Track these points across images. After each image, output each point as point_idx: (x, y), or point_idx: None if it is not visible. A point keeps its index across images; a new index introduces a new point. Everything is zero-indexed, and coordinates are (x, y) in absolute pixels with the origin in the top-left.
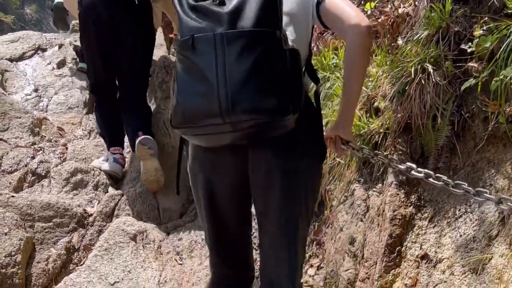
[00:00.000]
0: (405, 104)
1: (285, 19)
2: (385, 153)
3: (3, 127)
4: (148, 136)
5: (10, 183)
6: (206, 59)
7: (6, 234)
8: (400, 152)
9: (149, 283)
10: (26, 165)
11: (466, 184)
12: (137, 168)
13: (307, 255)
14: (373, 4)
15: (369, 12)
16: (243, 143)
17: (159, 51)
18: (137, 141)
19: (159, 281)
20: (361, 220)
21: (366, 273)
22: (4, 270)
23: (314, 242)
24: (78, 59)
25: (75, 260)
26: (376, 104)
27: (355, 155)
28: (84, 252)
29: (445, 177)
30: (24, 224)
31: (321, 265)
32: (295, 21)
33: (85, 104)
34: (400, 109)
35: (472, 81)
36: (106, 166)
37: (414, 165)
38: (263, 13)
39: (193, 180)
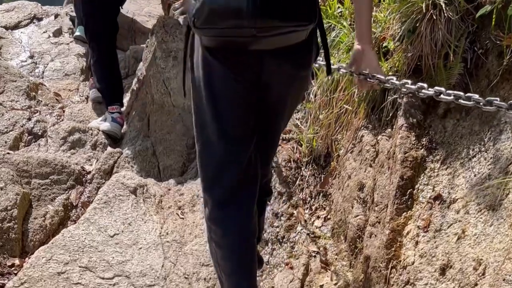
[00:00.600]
0: (416, 43)
1: None
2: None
3: None
4: None
5: (5, 142)
6: None
7: (1, 189)
8: (410, 94)
9: (150, 235)
10: (22, 126)
11: (498, 100)
12: (137, 127)
13: (313, 207)
14: None
15: None
16: (259, 49)
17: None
18: None
19: (160, 233)
20: (370, 166)
21: (377, 217)
22: (0, 225)
23: (321, 194)
24: (74, 29)
25: (73, 217)
26: (385, 45)
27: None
28: (83, 209)
29: (476, 96)
30: (21, 181)
31: (328, 216)
32: None
33: (82, 71)
34: (410, 49)
35: (487, 7)
36: (104, 126)
37: (425, 84)
38: None
39: (207, 88)
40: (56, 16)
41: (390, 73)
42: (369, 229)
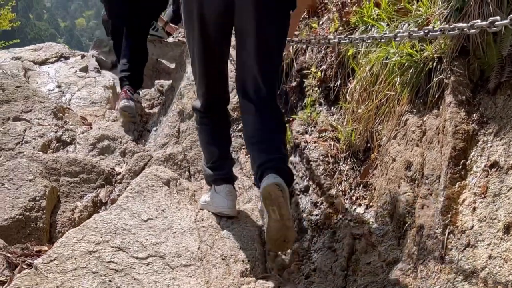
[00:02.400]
0: (463, 22)
1: None
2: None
3: (26, 109)
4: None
5: (33, 147)
6: None
7: (30, 180)
8: (458, 74)
9: (185, 221)
10: (50, 136)
11: None
12: (167, 134)
13: (353, 197)
14: None
15: None
16: None
17: None
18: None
19: (195, 219)
20: (417, 145)
21: (428, 189)
22: (28, 213)
23: (361, 185)
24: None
25: None
26: (430, 26)
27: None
28: None
29: None
30: (49, 178)
31: (370, 204)
32: None
33: (108, 100)
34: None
35: None
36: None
37: (498, 17)
38: None
39: (188, 18)
40: (83, 56)
41: (435, 56)
42: (420, 201)
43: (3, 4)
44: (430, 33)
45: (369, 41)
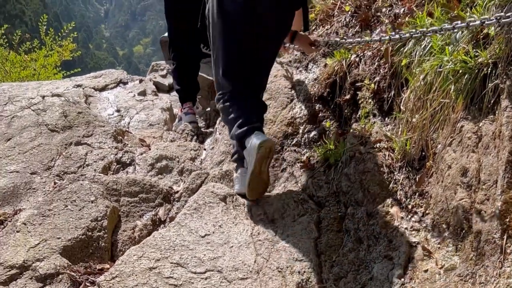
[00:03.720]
0: None
1: None
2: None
3: (87, 134)
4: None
5: (95, 170)
6: None
7: (92, 202)
8: None
9: (242, 235)
10: (110, 158)
11: None
12: (223, 152)
13: (409, 206)
14: None
15: None
16: None
17: None
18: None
19: (251, 233)
20: (473, 152)
21: (485, 194)
22: (90, 233)
23: (416, 194)
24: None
25: None
26: (484, 31)
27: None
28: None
29: None
30: (110, 198)
31: (426, 211)
32: None
33: (166, 122)
34: None
35: None
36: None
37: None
38: None
39: (215, 12)
40: (141, 81)
41: (490, 61)
42: (477, 207)
43: (65, 36)
44: (486, 22)
45: (428, 34)
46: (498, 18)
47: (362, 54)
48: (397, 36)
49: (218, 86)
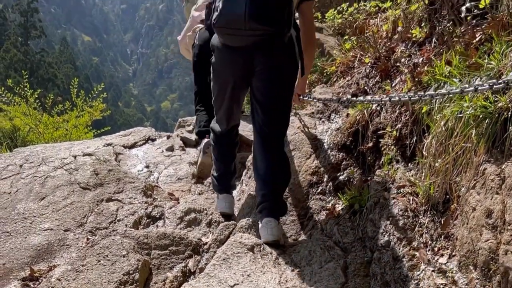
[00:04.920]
0: None
1: None
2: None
3: (118, 190)
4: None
5: (126, 225)
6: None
7: (124, 256)
8: None
9: (270, 284)
10: (141, 213)
11: None
12: (250, 204)
13: (435, 248)
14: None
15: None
16: (250, 46)
17: None
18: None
19: (279, 281)
20: (497, 193)
21: (511, 235)
22: (123, 287)
23: (442, 236)
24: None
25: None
26: (503, 77)
27: None
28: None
29: None
30: (141, 252)
31: (453, 253)
32: None
33: (193, 175)
34: None
35: None
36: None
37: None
38: None
39: (217, 69)
40: (168, 137)
41: (509, 105)
42: (503, 247)
43: (95, 97)
44: (495, 86)
45: (450, 94)
46: (506, 82)
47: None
48: (396, 98)
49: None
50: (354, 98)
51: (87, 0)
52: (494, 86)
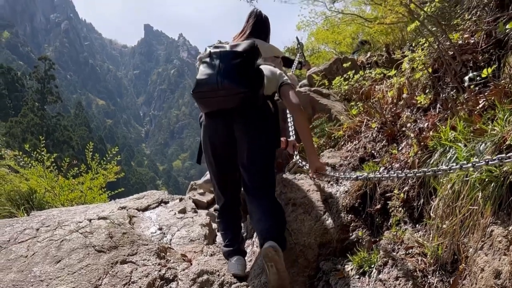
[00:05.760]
0: None
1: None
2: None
3: (132, 252)
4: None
5: (140, 287)
6: (215, 61)
7: None
8: None
9: None
10: (154, 275)
11: None
12: (259, 264)
13: None
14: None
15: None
16: (230, 109)
17: None
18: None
19: None
20: (505, 254)
21: None
22: None
23: None
24: (196, 209)
25: None
26: (507, 142)
27: None
28: None
29: None
30: None
31: None
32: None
33: (206, 236)
34: None
35: None
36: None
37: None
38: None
39: (204, 144)
40: (181, 199)
41: None
42: None
43: (109, 160)
44: (490, 162)
45: (451, 171)
46: (500, 158)
47: (390, 166)
48: (403, 175)
49: (216, 199)
50: (367, 175)
51: (102, 67)
52: (490, 162)
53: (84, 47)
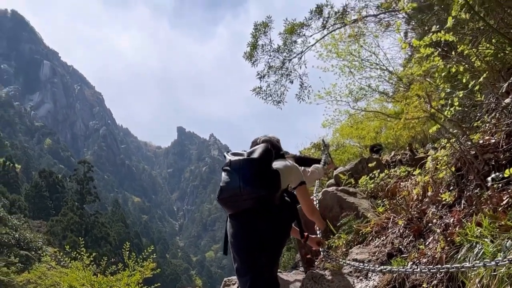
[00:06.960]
0: None
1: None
2: None
3: None
4: None
5: None
6: (234, 176)
7: None
8: None
9: None
10: None
11: None
12: None
13: None
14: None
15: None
16: (250, 209)
17: None
18: None
19: None
20: None
21: None
22: None
23: None
24: None
25: None
26: None
27: None
28: None
29: None
30: None
31: None
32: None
33: None
34: None
35: None
36: None
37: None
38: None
39: (229, 237)
40: None
41: None
42: None
43: (145, 257)
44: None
45: (474, 267)
46: (510, 260)
47: (418, 261)
48: (426, 270)
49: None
50: (393, 268)
51: (137, 167)
52: None
53: (121, 149)
